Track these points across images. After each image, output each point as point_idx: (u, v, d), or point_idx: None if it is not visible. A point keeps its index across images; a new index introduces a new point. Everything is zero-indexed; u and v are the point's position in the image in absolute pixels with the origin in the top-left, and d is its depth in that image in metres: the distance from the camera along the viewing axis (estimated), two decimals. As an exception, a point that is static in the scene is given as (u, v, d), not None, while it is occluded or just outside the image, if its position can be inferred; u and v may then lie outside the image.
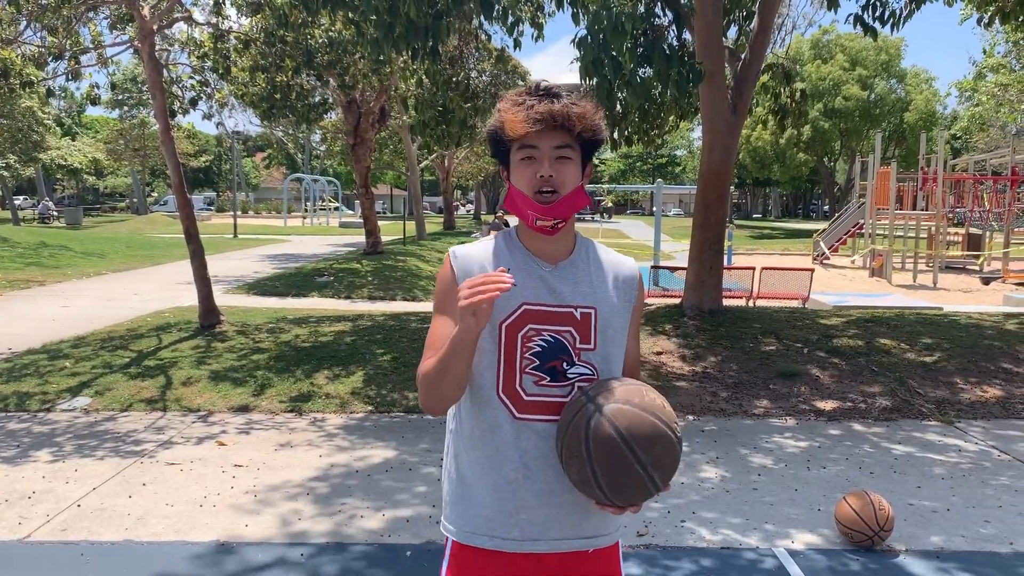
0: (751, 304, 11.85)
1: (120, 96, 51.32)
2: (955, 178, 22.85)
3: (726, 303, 9.66)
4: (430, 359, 1.65)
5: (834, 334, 8.35)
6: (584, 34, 7.11)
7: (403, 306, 12.67)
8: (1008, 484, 4.85)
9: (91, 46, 10.56)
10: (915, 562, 3.81)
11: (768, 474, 5.00)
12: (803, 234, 38.53)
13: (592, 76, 7.22)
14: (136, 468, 5.00)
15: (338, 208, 51.93)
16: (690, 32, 9.03)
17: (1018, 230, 22.26)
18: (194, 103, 11.07)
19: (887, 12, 8.20)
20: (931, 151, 23.73)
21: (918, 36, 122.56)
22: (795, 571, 3.68)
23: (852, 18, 8.30)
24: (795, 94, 10.04)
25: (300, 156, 63.76)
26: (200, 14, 11.61)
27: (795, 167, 50.23)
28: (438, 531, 2.55)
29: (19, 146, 35.16)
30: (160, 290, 13.92)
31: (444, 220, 40.82)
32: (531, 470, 1.67)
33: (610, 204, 59.77)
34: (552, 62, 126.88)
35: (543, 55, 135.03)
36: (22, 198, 56.36)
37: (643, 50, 7.46)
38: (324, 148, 42.34)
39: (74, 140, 50.13)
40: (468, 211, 67.65)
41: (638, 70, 7.52)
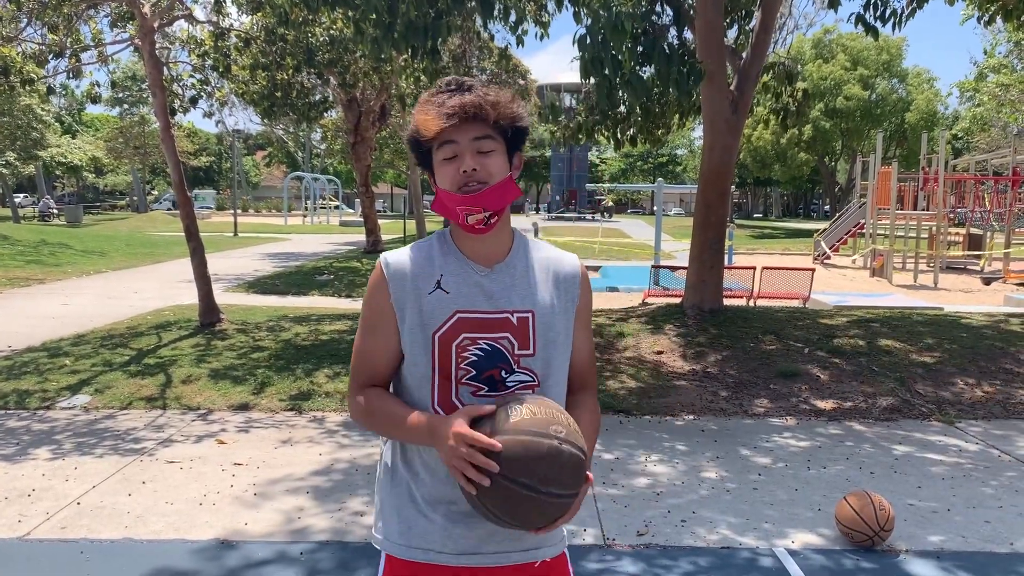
0: (752, 304, 11.84)
1: (120, 94, 51.37)
2: (956, 178, 22.84)
3: (727, 303, 9.65)
4: (372, 405, 1.67)
5: (835, 334, 8.35)
6: (584, 33, 7.10)
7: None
8: (1008, 484, 4.84)
9: (92, 44, 10.56)
10: (915, 562, 3.80)
11: (768, 474, 5.00)
12: (804, 234, 38.52)
13: (592, 75, 7.21)
14: (136, 466, 5.00)
15: (338, 207, 51.97)
16: (691, 31, 9.02)
17: (1019, 230, 22.24)
18: (194, 101, 11.07)
19: (888, 11, 8.19)
20: (932, 151, 23.71)
21: (919, 36, 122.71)
22: (795, 571, 3.68)
23: (854, 17, 8.30)
24: (797, 94, 10.03)
25: (300, 154, 63.77)
26: (201, 12, 11.60)
27: (796, 167, 50.22)
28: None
29: (18, 143, 35.19)
30: (160, 288, 13.92)
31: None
32: None
33: (610, 203, 59.74)
34: (553, 61, 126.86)
35: (544, 53, 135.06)
36: (22, 196, 56.37)
37: (643, 49, 7.45)
38: (324, 147, 42.32)
39: (74, 138, 50.14)
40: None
41: (638, 69, 7.51)
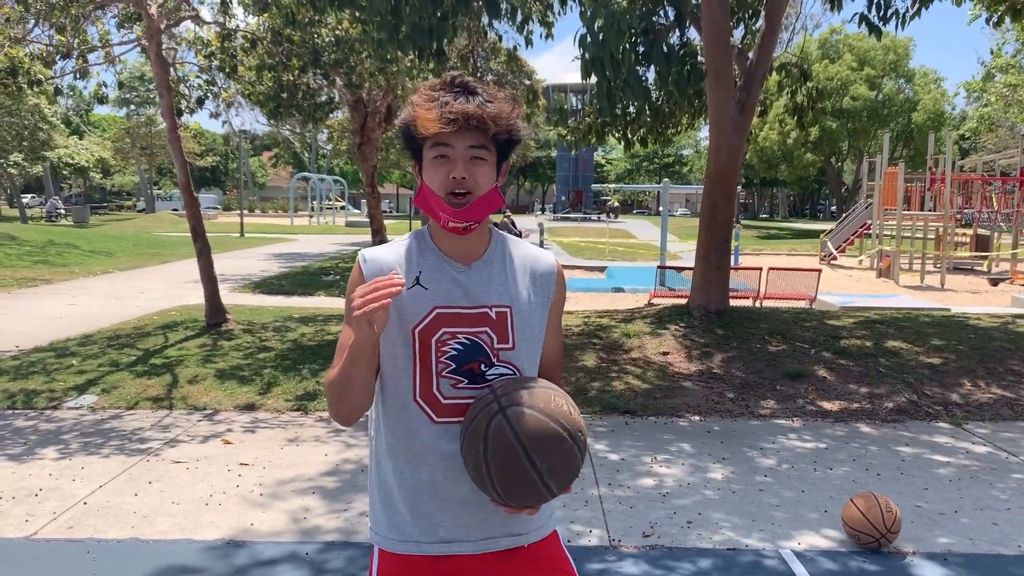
0: (758, 304, 11.82)
1: (128, 95, 51.56)
2: (963, 179, 22.73)
3: (733, 303, 9.63)
4: (333, 369, 1.63)
5: (841, 335, 8.32)
6: (584, 32, 7.10)
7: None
8: (1016, 487, 4.82)
9: (99, 45, 10.59)
10: (923, 564, 3.79)
11: (774, 475, 4.99)
12: (810, 234, 38.43)
13: (592, 75, 7.21)
14: (142, 466, 5.02)
15: (344, 207, 52.05)
16: (698, 31, 9.01)
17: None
18: (201, 102, 11.11)
19: (891, 11, 8.17)
20: (939, 151, 23.62)
21: (926, 36, 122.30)
22: (801, 573, 3.67)
23: (857, 17, 8.28)
24: (812, 92, 10.02)
25: (307, 155, 63.95)
26: (207, 13, 11.64)
27: (802, 167, 50.08)
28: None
29: (25, 144, 35.33)
30: (167, 288, 13.96)
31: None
32: (451, 472, 1.64)
33: (616, 204, 59.67)
34: (559, 61, 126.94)
35: (550, 54, 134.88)
36: (30, 196, 56.63)
37: (643, 49, 7.44)
38: (331, 147, 42.41)
39: (82, 139, 50.35)
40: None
41: (637, 70, 7.51)
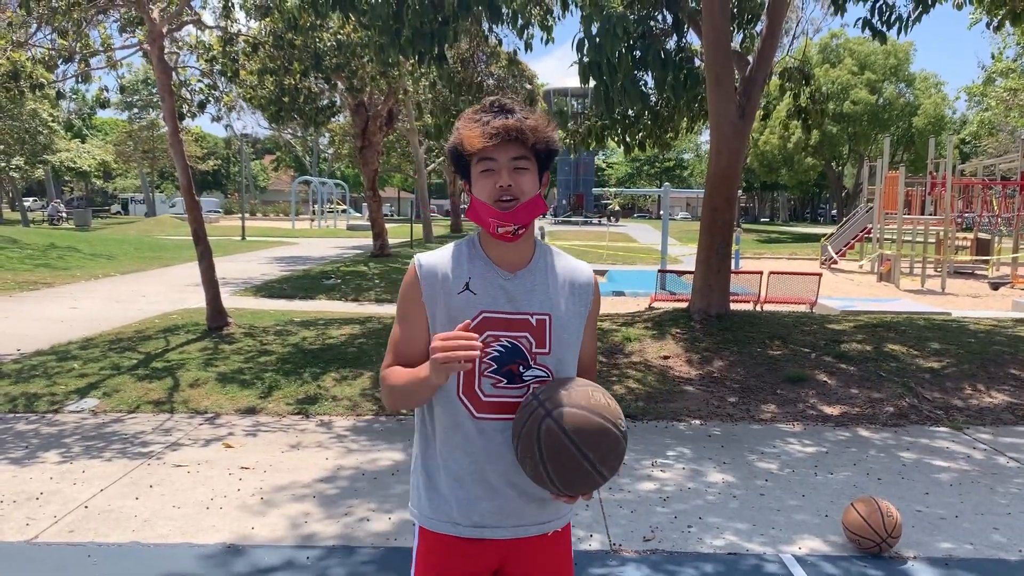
0: (758, 308, 11.82)
1: (130, 98, 51.64)
2: (964, 183, 22.74)
3: (733, 307, 9.63)
4: (397, 374, 1.84)
5: (842, 339, 8.32)
6: (582, 37, 7.12)
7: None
8: (1017, 491, 4.82)
9: (101, 49, 10.62)
10: (923, 569, 3.78)
11: (775, 479, 4.98)
12: (811, 238, 38.43)
13: (590, 79, 7.23)
14: (143, 470, 5.02)
15: (346, 211, 52.06)
16: (697, 35, 9.03)
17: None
18: (203, 106, 11.12)
19: (895, 16, 8.18)
20: (940, 155, 23.61)
21: (927, 40, 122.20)
22: (802, 577, 3.67)
23: (860, 22, 8.29)
24: (815, 95, 10.03)
25: (308, 159, 63.99)
26: (209, 17, 11.67)
27: (803, 171, 50.04)
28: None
29: (26, 147, 35.35)
30: (168, 292, 13.97)
31: (451, 223, 40.93)
32: (490, 465, 1.81)
33: (617, 208, 59.66)
34: (559, 65, 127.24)
35: (549, 58, 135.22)
36: (32, 199, 56.69)
37: (640, 54, 7.46)
38: (332, 151, 42.46)
39: (84, 142, 50.40)
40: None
41: (635, 74, 7.52)
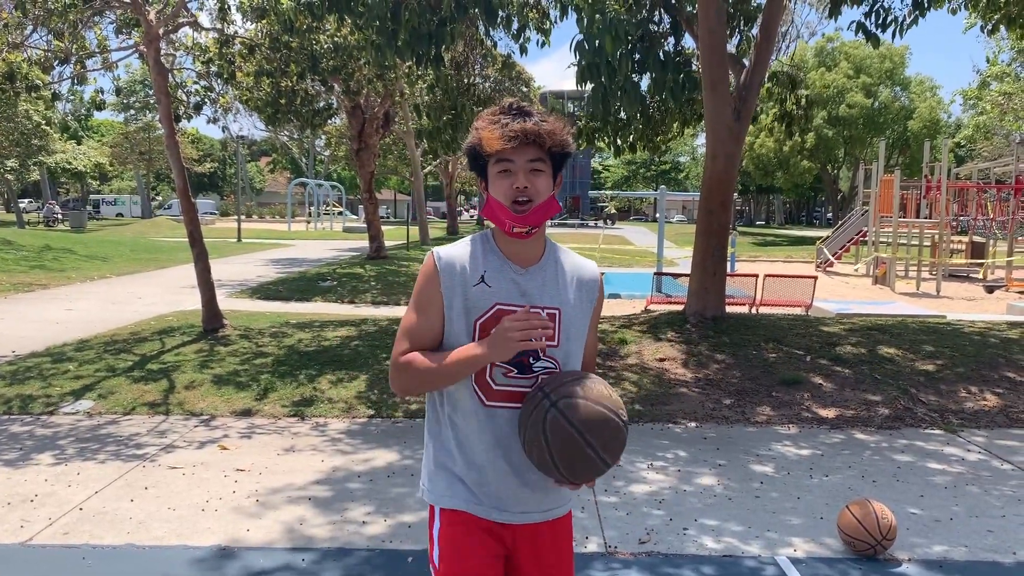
0: (754, 311, 11.84)
1: (127, 100, 51.57)
2: (959, 186, 22.81)
3: (729, 310, 9.65)
4: (426, 358, 1.85)
5: (837, 342, 8.34)
6: (581, 39, 7.12)
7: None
8: (1011, 494, 4.83)
9: (97, 50, 10.60)
10: (918, 571, 3.79)
11: (770, 482, 4.99)
12: (806, 241, 38.50)
13: (588, 81, 7.23)
14: (138, 472, 5.01)
15: (342, 213, 52.02)
16: (693, 39, 9.05)
17: (1022, 239, 22.19)
18: (199, 108, 11.12)
19: (889, 19, 8.21)
20: (935, 159, 23.69)
21: (922, 44, 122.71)
22: (797, 579, 3.67)
23: (855, 25, 8.32)
24: (800, 100, 10.05)
25: (304, 161, 63.94)
26: (206, 19, 11.67)
27: (799, 174, 50.15)
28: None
29: (19, 149, 35.22)
30: (163, 294, 13.95)
31: (447, 225, 40.97)
32: (498, 451, 1.88)
33: (613, 210, 59.73)
34: (555, 68, 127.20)
35: (547, 60, 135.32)
36: (27, 201, 56.54)
37: (639, 56, 7.47)
38: (328, 153, 42.43)
39: (80, 144, 50.30)
40: (472, 216, 67.75)
41: (633, 76, 7.53)
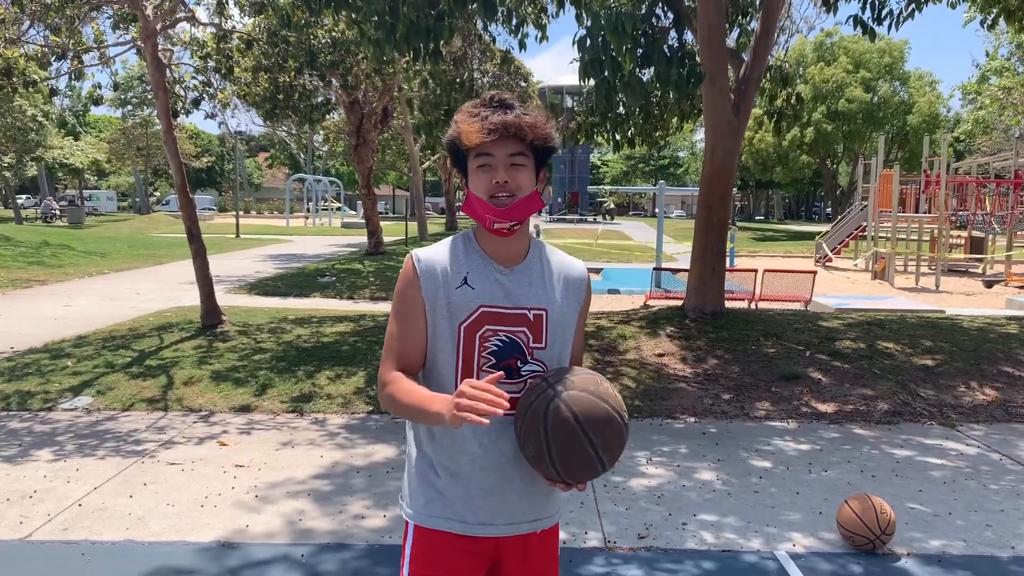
0: (753, 306, 11.84)
1: (124, 95, 51.47)
2: (958, 181, 22.81)
3: (728, 305, 9.64)
4: (398, 391, 1.76)
5: (836, 337, 8.34)
6: (583, 34, 7.09)
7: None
8: (1010, 488, 4.84)
9: (94, 46, 10.57)
10: (917, 566, 3.80)
11: (769, 477, 5.00)
12: (805, 236, 38.50)
13: (591, 76, 7.20)
14: (137, 468, 5.01)
15: (340, 208, 52.02)
16: (692, 33, 9.02)
17: (1021, 233, 22.20)
18: (197, 103, 11.09)
19: (885, 12, 8.17)
20: (934, 154, 23.68)
21: (922, 39, 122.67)
22: (796, 574, 3.68)
23: (852, 19, 8.29)
24: (791, 97, 10.03)
25: (303, 156, 63.86)
26: (203, 14, 11.64)
27: (798, 169, 50.18)
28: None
29: (17, 144, 35.12)
30: (162, 290, 13.93)
31: (446, 220, 40.95)
32: (486, 461, 1.78)
33: (612, 206, 59.71)
34: (554, 64, 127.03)
35: (545, 56, 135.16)
36: (24, 197, 56.47)
37: (643, 51, 7.44)
38: (327, 148, 42.38)
39: (77, 140, 50.20)
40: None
41: (637, 71, 7.50)
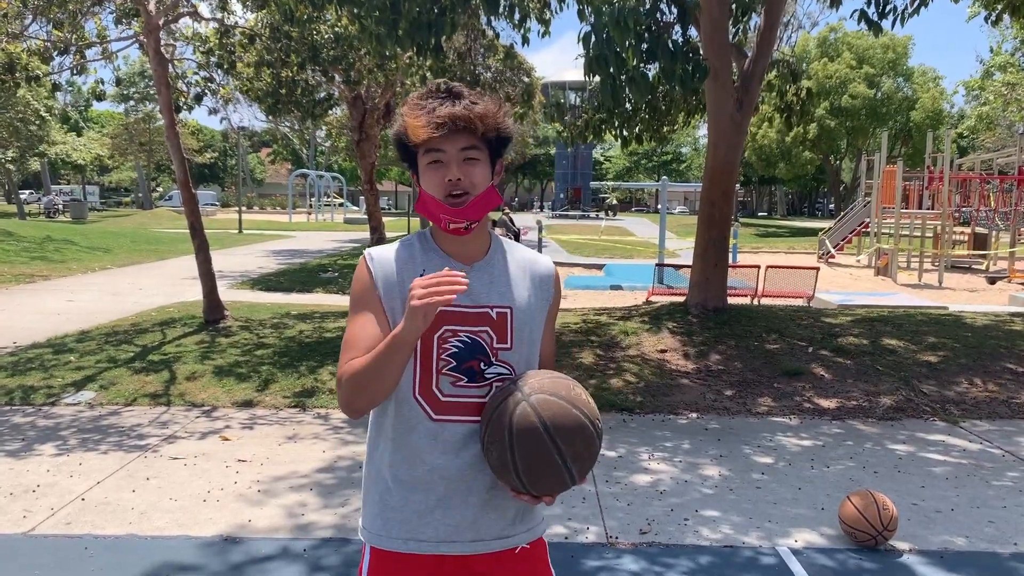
0: (756, 302, 11.83)
1: (127, 90, 51.49)
2: (961, 177, 22.74)
3: (731, 301, 9.64)
4: (360, 359, 1.60)
5: (839, 333, 8.34)
6: (588, 30, 7.08)
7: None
8: (1012, 485, 4.83)
9: (96, 41, 10.57)
10: (918, 562, 3.80)
11: (771, 472, 5.00)
12: (808, 232, 38.44)
13: (596, 72, 7.19)
14: (140, 462, 5.02)
15: (343, 204, 52.04)
16: (696, 29, 9.00)
17: (1024, 229, 22.15)
18: (199, 98, 11.09)
19: (890, 8, 8.15)
20: (938, 150, 23.62)
21: (925, 34, 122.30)
22: (797, 570, 3.68)
23: (857, 14, 8.27)
24: (801, 92, 10.01)
25: (305, 152, 63.87)
26: (206, 9, 11.63)
27: (801, 165, 50.06)
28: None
29: (20, 142, 35.13)
30: (164, 285, 13.95)
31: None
32: (447, 471, 1.64)
33: (614, 202, 59.66)
34: (558, 58, 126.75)
35: (548, 51, 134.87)
36: (27, 192, 56.55)
37: (648, 46, 7.42)
38: (329, 144, 42.37)
39: (80, 135, 50.24)
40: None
41: (642, 66, 7.49)
